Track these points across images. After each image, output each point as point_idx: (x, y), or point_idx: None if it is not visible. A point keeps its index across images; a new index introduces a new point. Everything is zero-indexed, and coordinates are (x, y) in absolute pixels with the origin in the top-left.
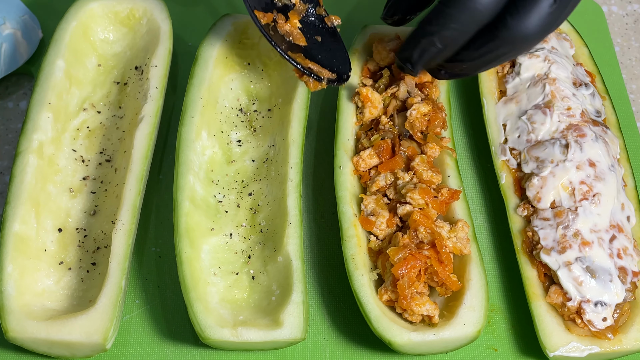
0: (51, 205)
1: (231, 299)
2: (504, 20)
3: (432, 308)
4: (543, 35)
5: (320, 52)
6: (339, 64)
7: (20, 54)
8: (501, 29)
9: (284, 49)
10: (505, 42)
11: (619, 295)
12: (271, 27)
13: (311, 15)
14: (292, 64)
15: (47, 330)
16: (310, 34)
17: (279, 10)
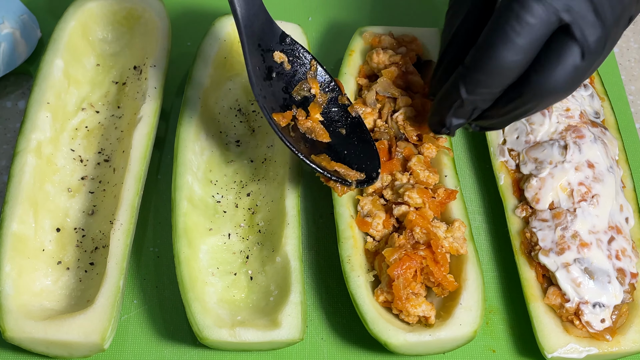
0: (49, 205)
1: (229, 299)
2: (529, 78)
3: (428, 309)
4: (569, 90)
5: (346, 147)
6: (367, 159)
7: (19, 53)
8: (526, 86)
9: (306, 152)
10: (531, 99)
11: (617, 296)
12: (291, 126)
13: (333, 106)
14: (317, 171)
15: (45, 330)
16: (334, 127)
17: (298, 104)
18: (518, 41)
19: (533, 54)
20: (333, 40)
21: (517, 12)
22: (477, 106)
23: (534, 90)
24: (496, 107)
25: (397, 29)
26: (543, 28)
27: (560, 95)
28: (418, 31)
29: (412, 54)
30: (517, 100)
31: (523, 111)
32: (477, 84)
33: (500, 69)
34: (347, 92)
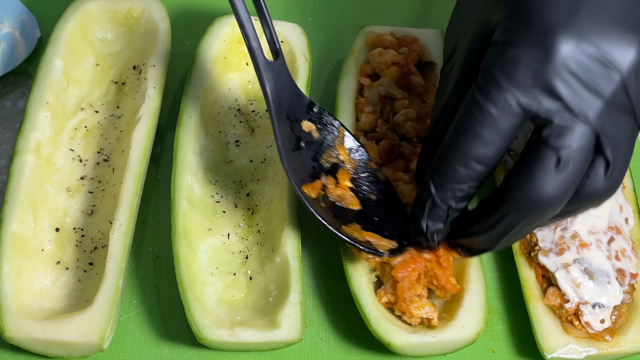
0: (48, 204)
1: (228, 300)
2: (510, 183)
3: (431, 310)
4: (558, 200)
5: (377, 214)
6: (398, 225)
7: (18, 53)
8: (507, 194)
9: (337, 223)
10: (515, 208)
11: (616, 297)
12: (321, 196)
13: (362, 171)
14: (349, 244)
15: (44, 330)
16: (363, 193)
17: (327, 172)
18: (482, 133)
19: (501, 147)
20: (333, 40)
21: (479, 102)
22: (450, 206)
23: (515, 198)
24: (480, 222)
25: (398, 30)
26: (508, 120)
27: (548, 206)
28: (419, 32)
29: (413, 54)
30: (501, 209)
31: (509, 224)
32: (445, 178)
33: (466, 161)
34: (348, 91)
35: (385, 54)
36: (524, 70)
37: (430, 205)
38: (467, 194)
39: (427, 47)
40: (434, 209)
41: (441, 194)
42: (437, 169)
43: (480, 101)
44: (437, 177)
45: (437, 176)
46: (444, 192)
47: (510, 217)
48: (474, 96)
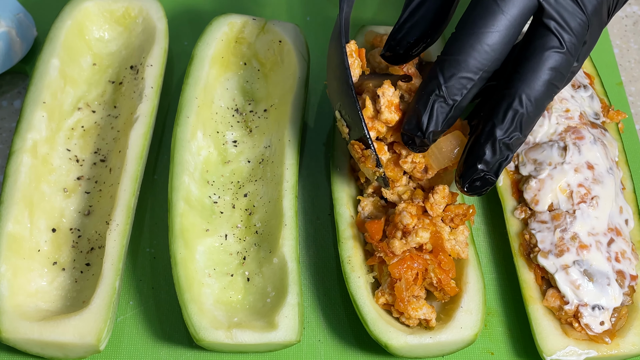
0: (45, 205)
1: (226, 301)
2: (512, 79)
3: (429, 311)
4: (556, 87)
5: None
6: None
7: (15, 52)
8: (511, 89)
9: None
10: (526, 99)
11: (616, 299)
12: None
13: None
14: (364, 133)
15: (40, 331)
16: None
17: None
18: (496, 20)
19: (512, 36)
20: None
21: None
22: (456, 101)
23: (524, 89)
24: (497, 122)
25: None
26: (521, 6)
27: (551, 92)
28: None
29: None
30: (513, 105)
31: (522, 120)
32: (456, 67)
33: (480, 45)
34: None
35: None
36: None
37: (434, 98)
38: (474, 87)
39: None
40: (438, 103)
41: (450, 84)
42: (447, 58)
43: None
44: (447, 67)
45: (447, 66)
46: (453, 83)
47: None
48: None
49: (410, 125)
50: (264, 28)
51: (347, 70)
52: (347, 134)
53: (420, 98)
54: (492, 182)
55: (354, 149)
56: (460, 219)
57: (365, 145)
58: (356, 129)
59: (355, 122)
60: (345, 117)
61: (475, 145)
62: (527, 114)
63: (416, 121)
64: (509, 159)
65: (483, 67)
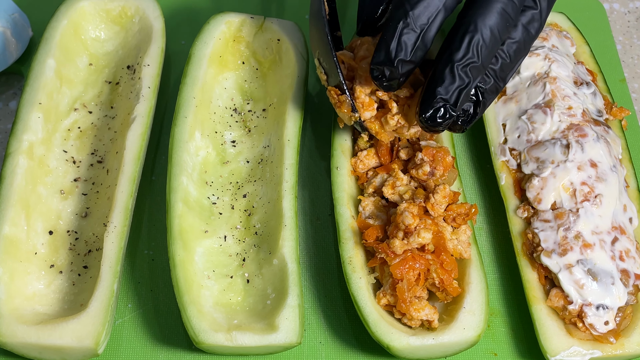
0: (42, 207)
1: (225, 303)
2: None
3: (432, 312)
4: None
5: None
6: None
7: (10, 52)
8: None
9: None
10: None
11: (621, 298)
12: None
13: None
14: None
15: (37, 334)
16: None
17: None
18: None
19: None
20: None
21: None
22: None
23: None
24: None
25: None
26: None
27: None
28: None
29: None
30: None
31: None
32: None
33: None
34: None
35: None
36: None
37: (402, 26)
38: (439, 14)
39: None
40: (405, 31)
41: (416, 11)
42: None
43: None
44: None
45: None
46: (419, 11)
47: None
48: None
49: (379, 57)
50: (262, 26)
51: (324, 19)
52: (326, 81)
53: (388, 29)
54: (452, 116)
55: (331, 94)
56: (463, 219)
57: (341, 90)
58: (333, 75)
59: (331, 68)
60: (323, 64)
61: (434, 74)
62: (482, 40)
63: (385, 52)
64: (468, 87)
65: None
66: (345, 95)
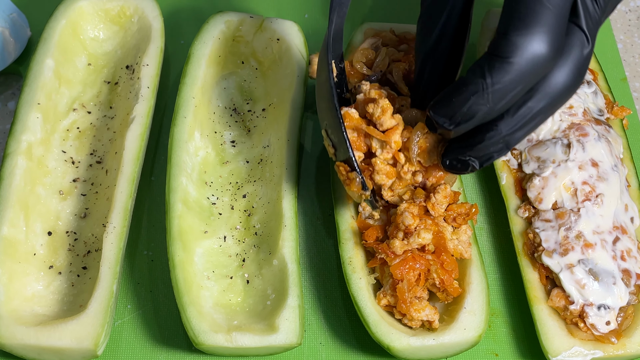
0: (40, 208)
1: (225, 304)
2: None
3: (432, 313)
4: (580, 82)
5: None
6: None
7: (9, 52)
8: (541, 83)
9: None
10: (546, 97)
11: (622, 298)
12: None
13: None
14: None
15: (36, 336)
16: None
17: None
18: (545, 17)
19: (563, 31)
20: None
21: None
22: (500, 105)
23: (547, 87)
24: (507, 116)
25: (398, 26)
26: None
27: (572, 90)
28: None
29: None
30: (530, 100)
31: (534, 116)
32: (508, 69)
33: (538, 44)
34: None
35: (385, 51)
36: None
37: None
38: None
39: None
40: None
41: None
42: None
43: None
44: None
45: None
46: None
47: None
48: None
49: (442, 112)
50: (261, 26)
51: (332, 89)
52: (334, 155)
53: (460, 92)
54: (473, 170)
55: (339, 170)
56: (463, 219)
57: (350, 167)
58: (341, 149)
59: (340, 142)
60: (331, 136)
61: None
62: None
63: (450, 114)
64: (501, 155)
65: (536, 76)
66: (356, 172)
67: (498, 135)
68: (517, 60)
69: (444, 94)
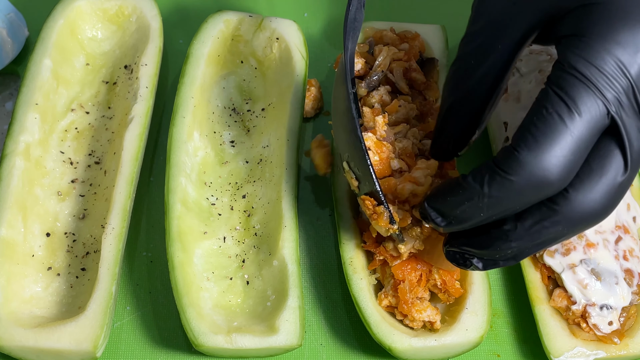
0: (39, 209)
1: (225, 305)
2: (565, 194)
3: (434, 313)
4: (608, 212)
5: None
6: None
7: (6, 53)
8: (561, 204)
9: None
10: (565, 220)
11: (625, 298)
12: None
13: None
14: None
15: (35, 338)
16: None
17: None
18: (568, 138)
19: (582, 157)
20: (330, 36)
21: (564, 103)
22: (495, 214)
23: (570, 208)
24: (515, 229)
25: (397, 25)
26: (594, 124)
27: (598, 217)
28: (420, 27)
29: (414, 50)
30: (546, 220)
31: (550, 237)
32: (508, 187)
33: (542, 175)
34: None
35: (385, 50)
36: (614, 68)
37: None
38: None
39: (428, 43)
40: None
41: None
42: (500, 175)
43: (563, 98)
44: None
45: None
46: (496, 202)
47: (556, 229)
48: (552, 92)
49: (434, 208)
50: (260, 25)
51: (355, 121)
52: (357, 187)
53: (456, 194)
54: (477, 270)
55: (365, 204)
56: None
57: (377, 200)
58: (366, 182)
59: (365, 175)
60: (354, 169)
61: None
62: (555, 232)
63: (443, 212)
64: (509, 264)
65: (536, 197)
66: (383, 206)
67: (506, 244)
68: (518, 180)
69: (441, 189)
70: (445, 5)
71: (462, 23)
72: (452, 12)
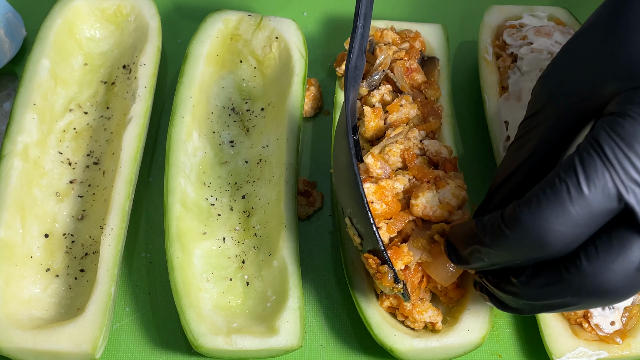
0: (37, 210)
1: (225, 306)
2: (577, 262)
3: (435, 314)
4: (624, 294)
5: None
6: None
7: (4, 53)
8: (572, 272)
9: None
10: (575, 291)
11: None
12: None
13: None
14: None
15: (34, 339)
16: None
17: None
18: (571, 211)
19: (584, 233)
20: (329, 35)
21: (575, 176)
22: (500, 265)
23: (579, 280)
24: (527, 285)
25: (398, 24)
26: (601, 205)
27: (611, 297)
28: (420, 26)
29: (415, 50)
30: (555, 286)
31: (559, 303)
32: (507, 243)
33: (542, 239)
34: None
35: (385, 49)
36: None
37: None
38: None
39: (429, 42)
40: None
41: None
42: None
43: (576, 172)
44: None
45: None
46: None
47: (564, 298)
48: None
49: (450, 241)
50: (260, 24)
51: (357, 177)
52: (360, 244)
53: (466, 235)
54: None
55: (368, 263)
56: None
57: (380, 259)
58: (369, 240)
59: (369, 234)
60: (357, 226)
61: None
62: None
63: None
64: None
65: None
66: (387, 265)
67: (517, 297)
68: (513, 236)
69: (459, 228)
70: (446, 4)
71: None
72: (453, 11)
